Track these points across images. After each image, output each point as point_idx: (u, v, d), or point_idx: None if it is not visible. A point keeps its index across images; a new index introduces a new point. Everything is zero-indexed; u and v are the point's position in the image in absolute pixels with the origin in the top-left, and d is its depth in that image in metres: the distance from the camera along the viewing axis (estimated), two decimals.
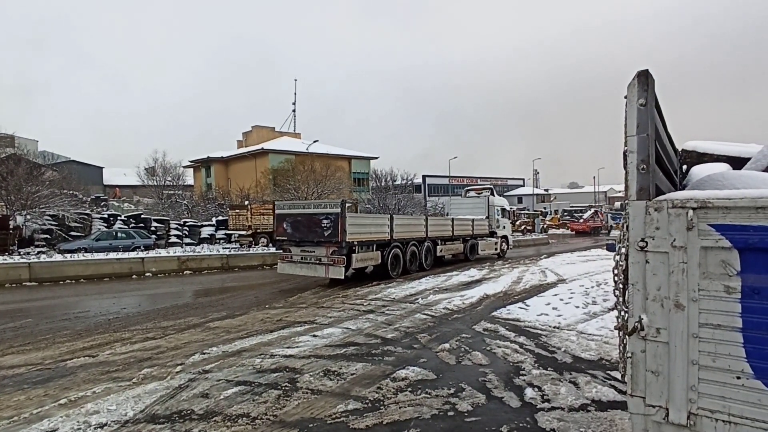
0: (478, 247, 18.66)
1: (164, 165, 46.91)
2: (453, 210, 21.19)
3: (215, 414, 3.83)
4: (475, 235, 18.59)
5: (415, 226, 14.82)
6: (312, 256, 11.81)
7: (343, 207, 11.47)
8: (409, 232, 14.14)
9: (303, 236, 11.92)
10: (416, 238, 14.39)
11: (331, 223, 11.35)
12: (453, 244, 17.01)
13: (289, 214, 12.37)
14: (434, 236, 15.51)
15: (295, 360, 5.35)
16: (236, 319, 7.78)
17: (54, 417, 3.79)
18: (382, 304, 8.93)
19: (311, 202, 13.71)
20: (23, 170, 29.01)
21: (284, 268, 12.35)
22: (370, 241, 12.34)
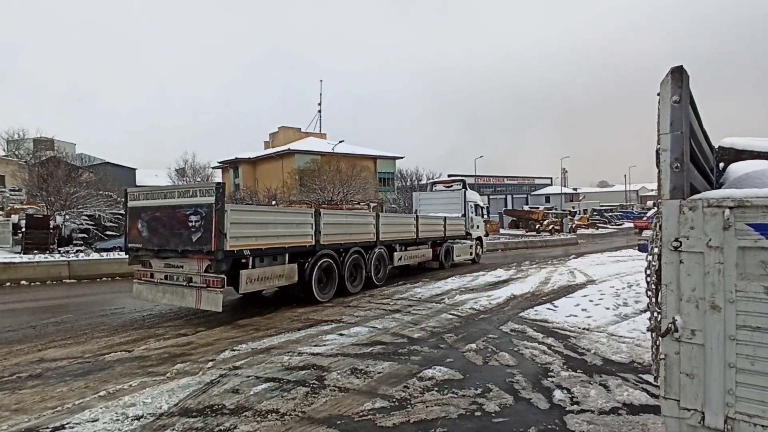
0: (453, 252, 15.74)
1: (194, 166, 48.33)
2: (422, 207, 17.94)
3: (245, 409, 3.93)
4: (448, 237, 15.58)
5: (355, 226, 10.78)
6: (179, 273, 7.56)
7: (220, 194, 7.01)
8: (348, 234, 10.28)
9: (163, 242, 7.55)
10: (361, 243, 10.64)
11: (201, 221, 7.07)
12: (418, 249, 13.77)
13: (146, 207, 7.90)
14: (390, 240, 11.95)
15: (323, 358, 5.42)
16: (264, 317, 7.93)
17: (94, 408, 3.97)
18: (408, 304, 8.94)
19: (175, 188, 8.10)
20: (62, 172, 30.32)
21: (140, 291, 8.07)
22: (276, 248, 8.18)
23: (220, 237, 6.97)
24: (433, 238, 14.66)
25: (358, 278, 10.69)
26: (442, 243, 15.23)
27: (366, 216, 12.28)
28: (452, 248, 15.77)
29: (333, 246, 9.69)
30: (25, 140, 41.24)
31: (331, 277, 9.63)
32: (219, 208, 6.99)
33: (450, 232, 15.65)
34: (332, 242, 9.68)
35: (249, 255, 7.63)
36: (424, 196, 19.12)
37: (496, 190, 69.31)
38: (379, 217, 11.72)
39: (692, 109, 2.31)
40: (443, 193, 18.36)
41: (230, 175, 48.33)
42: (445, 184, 19.33)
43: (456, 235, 16.29)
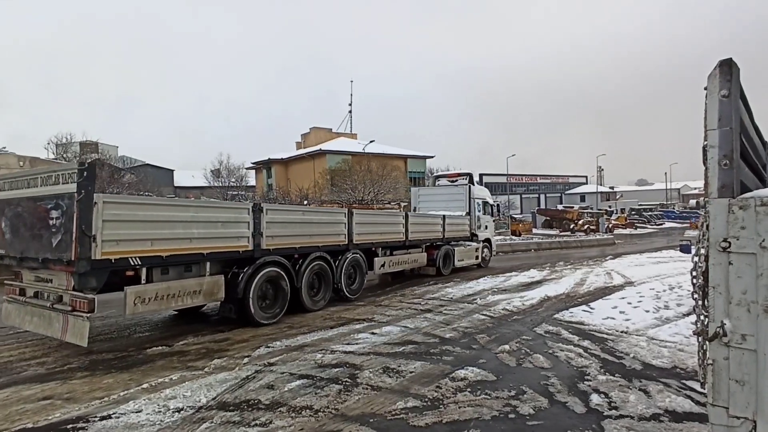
0: (454, 257, 13.70)
1: (228, 167, 49.68)
2: (422, 204, 16.18)
3: (280, 405, 4.01)
4: (449, 239, 13.65)
5: (317, 225, 8.62)
6: (48, 290, 5.67)
7: (85, 180, 4.95)
8: (306, 236, 8.23)
9: (24, 247, 5.60)
10: (327, 247, 8.72)
11: (61, 219, 5.11)
12: (408, 253, 11.79)
13: (8, 200, 5.91)
14: (369, 242, 10.03)
15: (355, 356, 5.47)
16: (298, 315, 8.05)
17: (138, 399, 4.14)
18: (440, 304, 8.90)
19: (39, 172, 5.60)
20: (106, 174, 31.73)
21: (9, 313, 6.06)
22: (187, 255, 6.12)
23: (84, 240, 4.93)
24: (428, 240, 12.70)
25: (323, 291, 8.64)
26: (441, 246, 13.23)
27: (333, 213, 9.73)
28: (453, 252, 13.69)
29: (283, 251, 7.64)
30: (72, 144, 43.41)
31: (280, 292, 7.51)
32: (82, 200, 4.89)
33: (450, 233, 13.68)
34: (282, 246, 7.62)
35: (139, 265, 5.56)
36: (424, 192, 17.23)
37: (529, 189, 67.99)
38: (352, 216, 9.46)
39: (743, 104, 2.21)
40: (446, 188, 16.29)
41: (263, 175, 49.36)
42: (448, 179, 16.94)
43: (458, 236, 14.35)
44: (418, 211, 15.64)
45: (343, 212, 9.61)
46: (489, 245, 16.38)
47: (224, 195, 39.89)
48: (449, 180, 16.78)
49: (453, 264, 13.71)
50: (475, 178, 16.62)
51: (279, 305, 7.52)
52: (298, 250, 8.07)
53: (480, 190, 16.63)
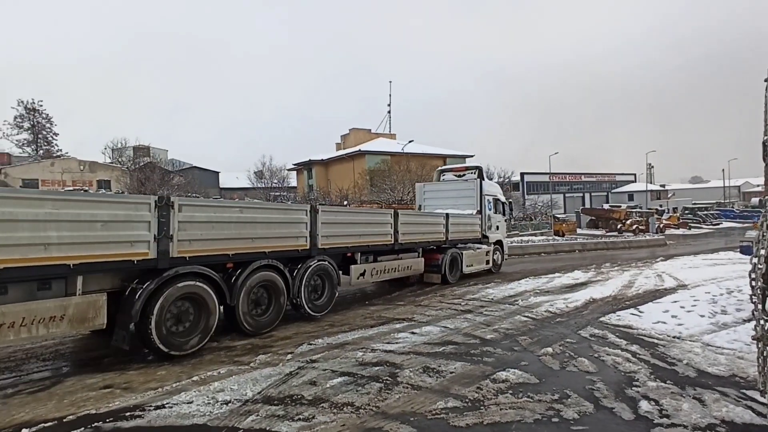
0: (462, 262, 12.11)
1: (271, 168, 50.99)
2: (428, 202, 14.71)
3: (322, 400, 4.11)
4: (454, 240, 11.99)
5: (264, 226, 6.80)
6: None
7: None
8: (247, 238, 6.48)
9: None
10: (277, 253, 6.95)
11: None
12: (398, 259, 10.09)
13: None
14: (342, 246, 8.38)
15: (395, 355, 5.51)
16: (338, 313, 8.19)
17: (189, 391, 4.36)
18: (480, 305, 8.80)
19: None
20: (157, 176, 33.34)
21: None
22: (40, 267, 4.41)
23: None
24: (427, 243, 11.02)
25: (273, 309, 6.90)
26: (446, 249, 11.67)
27: (288, 211, 7.62)
28: (461, 256, 12.11)
29: (207, 260, 5.91)
30: (126, 148, 45.98)
31: (202, 312, 5.79)
32: None
33: (456, 235, 12.12)
34: (206, 254, 5.90)
35: None
36: (429, 188, 15.26)
37: (573, 188, 65.89)
38: (316, 214, 7.65)
39: None
40: (454, 184, 14.66)
41: (304, 176, 50.40)
42: (455, 172, 15.24)
43: (467, 238, 12.79)
44: (423, 209, 14.24)
45: (303, 209, 7.69)
46: (501, 248, 14.79)
47: (267, 195, 41.00)
48: (455, 174, 15.06)
49: (461, 270, 12.10)
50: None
51: (199, 331, 5.71)
52: (233, 257, 6.29)
53: (491, 186, 14.95)
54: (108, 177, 38.47)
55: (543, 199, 52.17)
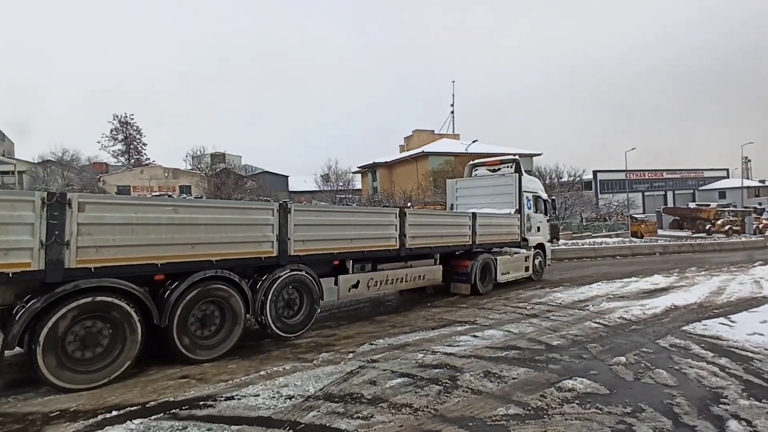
0: (496, 269, 10.60)
1: (336, 172, 52.42)
2: (460, 200, 13.27)
3: (381, 400, 4.14)
4: (484, 244, 10.56)
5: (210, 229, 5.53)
6: None
7: None
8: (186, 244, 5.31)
9: None
10: (230, 262, 5.72)
11: None
12: (406, 268, 8.60)
13: None
14: (322, 253, 6.94)
15: (456, 358, 5.43)
16: (400, 314, 8.22)
17: (256, 385, 4.58)
18: (547, 309, 8.44)
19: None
20: (231, 181, 35.43)
21: None
22: None
23: None
24: (446, 248, 9.55)
25: (224, 329, 5.67)
26: (477, 255, 10.25)
27: (251, 211, 6.23)
28: (494, 262, 10.60)
29: (123, 271, 4.83)
30: (205, 155, 49.36)
31: (118, 335, 4.78)
32: None
33: (487, 238, 10.62)
34: (122, 263, 4.83)
35: None
36: (462, 185, 13.61)
37: (653, 185, 61.33)
38: (288, 213, 6.36)
39: None
40: (488, 179, 13.04)
41: (369, 179, 51.22)
42: (488, 166, 13.39)
43: (502, 241, 11.26)
44: (456, 209, 12.93)
45: (268, 208, 6.27)
46: (542, 252, 13.11)
47: (333, 198, 42.19)
48: (489, 168, 13.33)
49: (495, 278, 10.61)
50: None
51: (113, 359, 4.73)
52: (163, 268, 5.14)
53: (530, 181, 13.28)
54: (189, 182, 41.52)
55: (618, 198, 48.99)
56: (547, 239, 13.57)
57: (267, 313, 6.18)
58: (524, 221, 12.18)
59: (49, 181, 35.85)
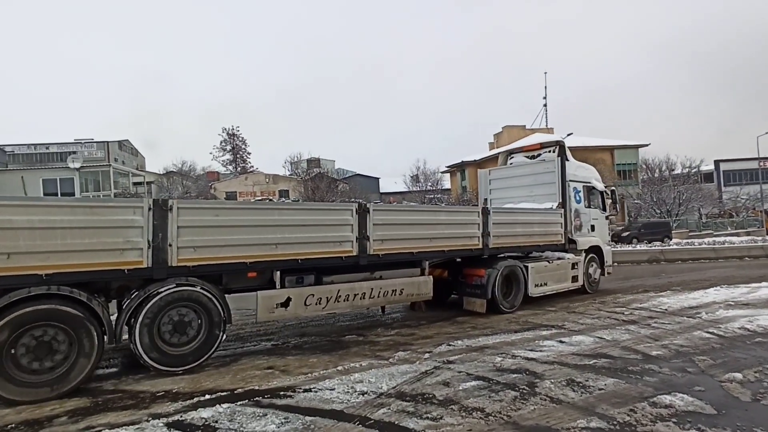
0: (527, 279, 8.49)
1: (425, 172, 52.50)
2: (495, 193, 11.17)
3: (453, 402, 4.06)
4: (504, 247, 8.39)
5: (47, 235, 4.30)
6: None
7: None
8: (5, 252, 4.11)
9: None
10: (74, 276, 4.46)
11: None
12: (371, 280, 6.81)
13: None
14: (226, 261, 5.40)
15: (537, 364, 5.14)
16: (483, 316, 7.99)
17: (333, 379, 4.75)
18: (649, 315, 7.65)
19: None
20: (325, 185, 37.13)
21: None
22: None
23: None
24: (437, 252, 7.42)
25: (65, 363, 4.42)
26: (494, 261, 8.13)
27: (105, 210, 4.76)
28: (524, 272, 8.46)
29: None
30: (301, 161, 52.37)
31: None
32: None
33: (508, 240, 8.42)
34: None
35: None
36: (496, 175, 11.36)
37: None
38: (168, 212, 4.97)
39: None
40: (525, 167, 10.79)
41: (457, 178, 50.53)
42: (526, 152, 11.11)
43: (534, 243, 9.04)
44: (490, 203, 10.59)
45: (133, 206, 4.91)
46: (598, 257, 10.63)
47: (422, 198, 42.32)
48: (527, 155, 11.01)
49: (526, 291, 8.49)
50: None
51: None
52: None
53: (580, 168, 10.76)
54: (287, 187, 44.33)
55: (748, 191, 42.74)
56: (606, 240, 11.30)
57: (137, 339, 4.86)
58: (570, 218, 9.90)
59: (171, 190, 40.56)
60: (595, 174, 11.14)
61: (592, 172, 11.12)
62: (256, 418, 3.77)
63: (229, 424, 3.67)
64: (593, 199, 10.84)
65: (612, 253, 11.53)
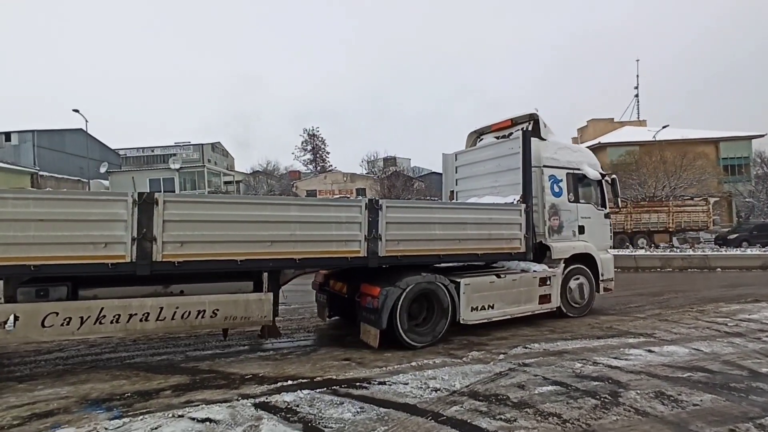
0: (458, 301, 6.30)
1: None
2: (462, 183, 8.98)
3: (527, 406, 3.97)
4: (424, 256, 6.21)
5: None
6: None
7: None
8: None
9: None
10: None
11: None
12: (166, 296, 5.05)
13: None
14: None
15: (621, 373, 4.85)
16: (563, 319, 7.66)
17: (406, 374, 4.85)
18: (759, 328, 6.87)
19: None
20: (400, 183, 37.47)
21: None
22: None
23: None
24: (285, 261, 5.43)
25: None
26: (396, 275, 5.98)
27: None
28: (447, 291, 6.25)
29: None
30: (378, 160, 53.24)
31: None
32: None
33: (429, 246, 6.23)
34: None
35: None
36: (463, 160, 9.02)
37: None
38: None
39: None
40: (488, 150, 8.38)
41: None
42: (496, 131, 8.68)
43: (475, 251, 6.61)
44: (457, 196, 8.93)
45: None
46: (588, 270, 8.06)
47: None
48: (496, 136, 8.62)
49: (456, 316, 6.31)
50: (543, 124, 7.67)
51: None
52: None
53: (565, 150, 8.16)
54: (364, 185, 45.35)
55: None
56: (603, 246, 8.46)
57: None
58: (544, 216, 7.60)
59: (257, 189, 43.28)
60: (588, 157, 8.62)
61: (585, 156, 8.59)
62: (333, 406, 3.98)
63: (309, 409, 3.91)
64: (584, 191, 8.34)
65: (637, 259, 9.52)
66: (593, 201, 8.43)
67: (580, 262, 7.97)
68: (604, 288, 8.29)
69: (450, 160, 9.27)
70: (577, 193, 8.12)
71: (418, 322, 6.15)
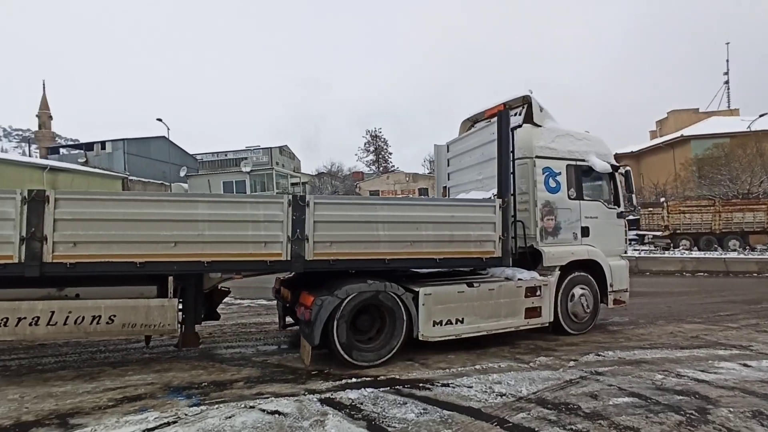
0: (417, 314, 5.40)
1: None
2: (454, 177, 7.91)
3: (601, 417, 3.74)
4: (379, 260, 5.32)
5: None
6: None
7: None
8: None
9: None
10: None
11: None
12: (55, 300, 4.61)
13: None
14: None
15: (710, 388, 4.43)
16: (640, 327, 7.17)
17: (470, 377, 4.76)
18: None
19: None
20: None
21: None
22: None
23: None
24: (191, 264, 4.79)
25: None
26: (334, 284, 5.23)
27: None
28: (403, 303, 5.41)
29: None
30: None
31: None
32: None
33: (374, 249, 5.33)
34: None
35: None
36: (455, 150, 7.97)
37: None
38: None
39: None
40: (474, 137, 7.36)
41: None
42: (489, 118, 7.35)
43: (433, 255, 5.57)
44: (449, 192, 7.97)
45: None
46: (592, 278, 6.93)
47: None
48: (488, 121, 7.35)
49: (415, 333, 5.47)
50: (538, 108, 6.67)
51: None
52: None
53: (565, 138, 6.94)
54: (426, 185, 45.14)
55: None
56: (615, 251, 7.25)
57: None
58: (535, 215, 6.60)
59: (322, 189, 44.56)
60: (597, 146, 7.21)
61: (592, 144, 7.20)
62: (396, 405, 3.99)
63: (373, 407, 3.95)
64: (591, 186, 7.17)
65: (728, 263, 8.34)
66: (603, 198, 7.23)
67: (583, 270, 6.87)
68: (614, 300, 7.08)
69: (442, 152, 8.36)
70: (580, 188, 6.95)
71: (371, 336, 5.41)
